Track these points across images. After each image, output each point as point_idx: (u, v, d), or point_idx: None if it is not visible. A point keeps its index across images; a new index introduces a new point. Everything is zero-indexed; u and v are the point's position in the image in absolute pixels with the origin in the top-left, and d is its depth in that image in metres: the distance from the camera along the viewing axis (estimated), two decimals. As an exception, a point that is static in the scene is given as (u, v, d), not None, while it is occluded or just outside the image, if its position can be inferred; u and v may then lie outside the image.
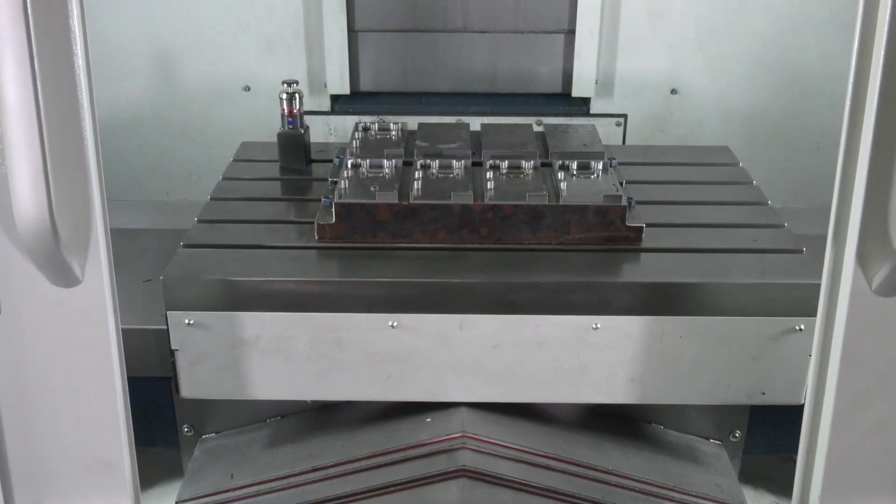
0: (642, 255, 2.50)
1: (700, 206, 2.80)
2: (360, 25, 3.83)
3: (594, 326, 2.35)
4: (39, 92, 1.54)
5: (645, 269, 2.46)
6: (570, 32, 3.81)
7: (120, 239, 2.00)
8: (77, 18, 1.60)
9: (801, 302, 2.33)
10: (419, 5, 3.81)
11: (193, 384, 2.41)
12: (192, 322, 2.34)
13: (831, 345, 1.81)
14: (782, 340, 2.36)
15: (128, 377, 1.88)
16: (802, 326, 2.35)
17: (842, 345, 1.79)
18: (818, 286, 1.81)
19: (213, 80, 3.88)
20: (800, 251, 2.52)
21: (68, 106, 1.64)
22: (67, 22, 1.59)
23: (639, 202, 2.61)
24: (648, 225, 2.54)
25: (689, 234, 2.61)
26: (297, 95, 2.97)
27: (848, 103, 1.66)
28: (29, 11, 1.50)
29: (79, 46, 1.62)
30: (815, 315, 1.83)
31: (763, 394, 2.42)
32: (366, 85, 3.94)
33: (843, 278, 1.74)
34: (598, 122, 3.80)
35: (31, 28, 1.50)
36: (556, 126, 3.15)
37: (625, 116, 3.93)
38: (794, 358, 2.38)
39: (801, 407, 1.92)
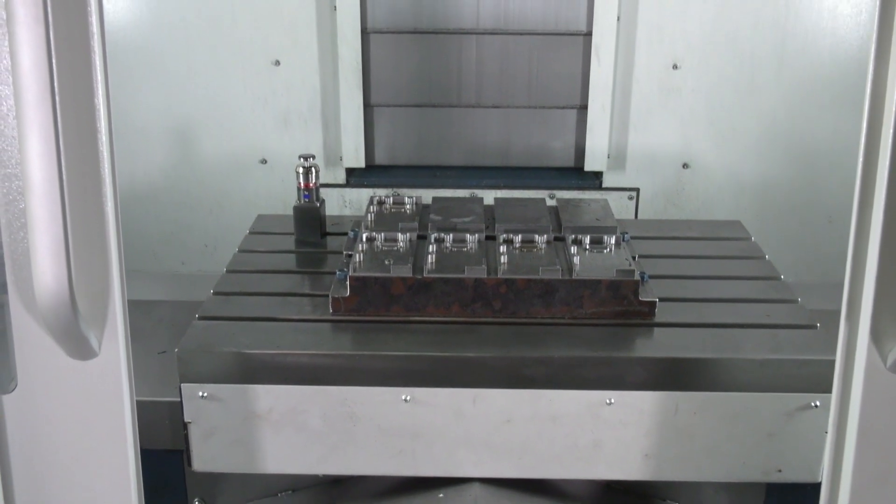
0: (656, 329, 2.50)
1: (713, 280, 2.80)
2: (375, 100, 3.90)
3: (608, 402, 2.34)
4: (63, 168, 1.57)
5: (658, 344, 2.46)
6: (583, 108, 3.87)
7: (136, 310, 2.02)
8: (102, 97, 1.64)
9: (816, 378, 2.32)
10: (434, 81, 3.88)
11: (206, 457, 2.41)
12: (205, 395, 2.34)
13: (847, 422, 1.79)
14: (798, 417, 2.35)
15: (140, 449, 1.88)
16: (818, 403, 2.33)
17: (858, 422, 1.77)
18: (833, 362, 1.80)
19: (231, 154, 3.94)
20: (814, 326, 2.51)
21: (91, 181, 1.67)
22: (92, 100, 1.63)
23: (652, 276, 2.61)
24: (661, 299, 2.54)
25: (703, 308, 2.61)
26: (313, 169, 3.01)
27: (858, 180, 1.68)
28: (56, 89, 1.54)
29: (103, 123, 1.66)
30: (830, 391, 1.82)
31: (779, 471, 2.40)
32: (381, 158, 4.00)
33: (858, 356, 1.73)
34: (610, 196, 3.85)
35: (58, 106, 1.54)
36: (568, 200, 3.18)
37: (637, 190, 3.96)
38: (810, 435, 2.36)
39: (819, 485, 1.90)
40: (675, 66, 3.80)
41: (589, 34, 3.77)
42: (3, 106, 1.63)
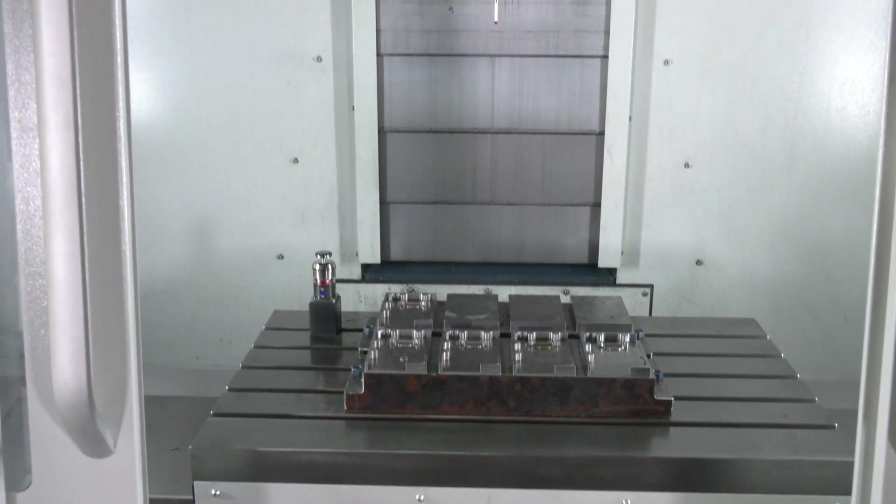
0: (672, 429, 2.48)
1: (729, 379, 2.79)
2: (391, 197, 3.96)
3: (624, 502, 2.31)
4: (86, 268, 1.60)
5: (674, 444, 2.43)
6: (596, 205, 3.91)
7: (150, 406, 2.02)
8: (126, 198, 1.68)
9: (835, 479, 2.29)
10: (449, 178, 3.95)
11: (216, 557, 2.38)
12: (218, 493, 2.33)
13: (868, 527, 1.77)
14: (818, 520, 2.31)
15: (151, 550, 1.86)
16: (838, 505, 2.29)
17: (879, 526, 1.75)
18: (852, 464, 1.78)
19: (248, 249, 3.99)
20: (832, 427, 2.49)
21: (113, 281, 1.70)
22: (117, 202, 1.67)
23: (667, 375, 2.61)
24: (677, 398, 2.53)
25: (719, 408, 2.60)
26: (329, 266, 3.04)
27: (871, 279, 1.68)
28: (82, 192, 1.58)
29: (126, 224, 1.69)
30: (850, 493, 1.80)
31: (800, 576, 2.34)
32: (396, 254, 4.04)
33: (877, 458, 1.72)
34: (624, 292, 3.86)
35: (83, 208, 1.58)
36: (583, 298, 3.19)
37: (651, 286, 3.98)
38: (831, 538, 2.32)
39: (841, 592, 1.86)
40: (686, 165, 3.86)
41: (601, 133, 3.84)
42: (31, 206, 1.67)
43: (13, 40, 1.62)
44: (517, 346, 2.67)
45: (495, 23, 3.41)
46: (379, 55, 3.79)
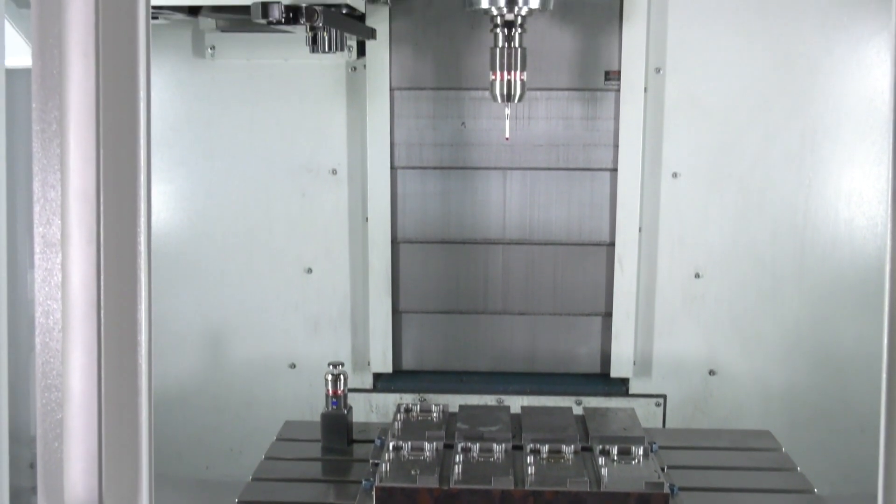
0: (687, 545, 2.44)
1: (744, 493, 2.75)
2: (404, 307, 3.99)
3: None
4: (102, 382, 1.62)
5: (691, 561, 2.39)
6: (608, 315, 3.93)
7: (161, 521, 2.01)
8: (144, 311, 1.71)
9: None
10: (461, 288, 3.98)
11: None
12: None
13: None
14: None
15: None
16: None
17: None
18: (871, 584, 1.75)
19: (260, 358, 4.00)
20: (851, 543, 2.44)
21: (128, 394, 1.71)
22: (135, 315, 1.70)
23: (682, 488, 2.58)
24: (692, 513, 2.50)
25: (735, 523, 2.56)
26: (342, 377, 3.05)
27: (884, 393, 1.68)
28: (102, 306, 1.61)
29: (143, 337, 1.72)
30: None
31: None
32: (408, 364, 4.04)
33: (897, 577, 1.69)
34: (637, 402, 3.84)
35: (102, 323, 1.61)
36: (595, 409, 3.18)
37: (664, 397, 3.95)
38: None
39: None
40: (697, 275, 3.89)
41: (612, 244, 3.88)
42: (51, 320, 1.70)
43: (41, 159, 1.67)
44: (530, 459, 2.64)
45: (506, 139, 3.50)
46: (393, 168, 3.88)
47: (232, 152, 3.91)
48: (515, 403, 3.62)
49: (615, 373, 3.93)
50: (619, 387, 3.96)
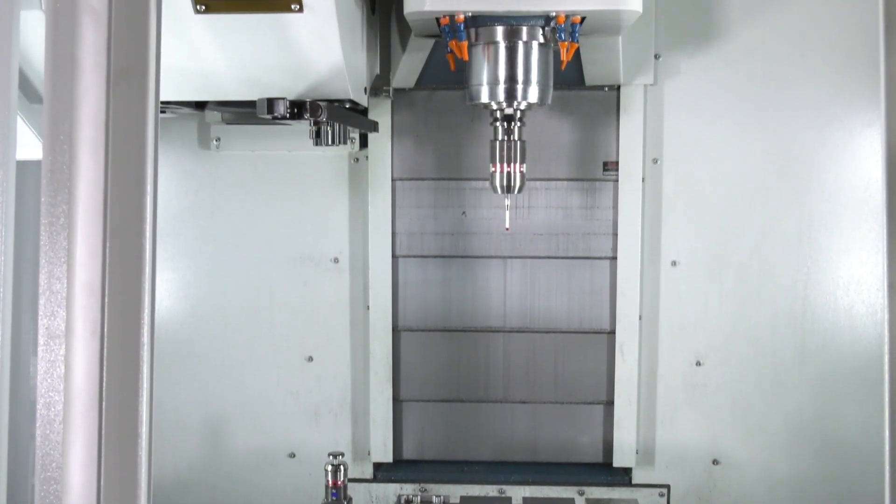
0: None
1: (751, 587, 2.71)
2: (404, 395, 3.98)
3: None
4: (102, 475, 1.62)
5: None
6: (609, 403, 3.91)
7: None
8: (146, 404, 1.72)
9: None
10: (462, 377, 3.97)
11: None
12: None
13: None
14: None
15: None
16: None
17: None
18: None
19: (260, 447, 3.97)
20: None
21: (127, 487, 1.71)
22: (137, 408, 1.71)
23: (686, 583, 2.54)
24: None
25: None
26: (342, 467, 3.03)
27: (888, 482, 1.67)
28: (104, 399, 1.62)
29: (144, 429, 1.72)
30: None
31: None
32: (408, 453, 4.01)
33: None
34: (641, 492, 3.80)
35: (104, 417, 1.61)
36: (598, 501, 3.14)
37: (668, 487, 3.91)
38: None
39: None
40: (698, 363, 3.88)
41: (612, 332, 3.89)
42: (52, 411, 1.71)
43: (48, 252, 1.71)
44: (532, 552, 2.61)
45: (507, 229, 3.55)
46: (394, 257, 3.91)
47: (235, 241, 3.95)
48: (517, 494, 3.59)
49: (618, 462, 3.90)
50: (622, 477, 3.92)
